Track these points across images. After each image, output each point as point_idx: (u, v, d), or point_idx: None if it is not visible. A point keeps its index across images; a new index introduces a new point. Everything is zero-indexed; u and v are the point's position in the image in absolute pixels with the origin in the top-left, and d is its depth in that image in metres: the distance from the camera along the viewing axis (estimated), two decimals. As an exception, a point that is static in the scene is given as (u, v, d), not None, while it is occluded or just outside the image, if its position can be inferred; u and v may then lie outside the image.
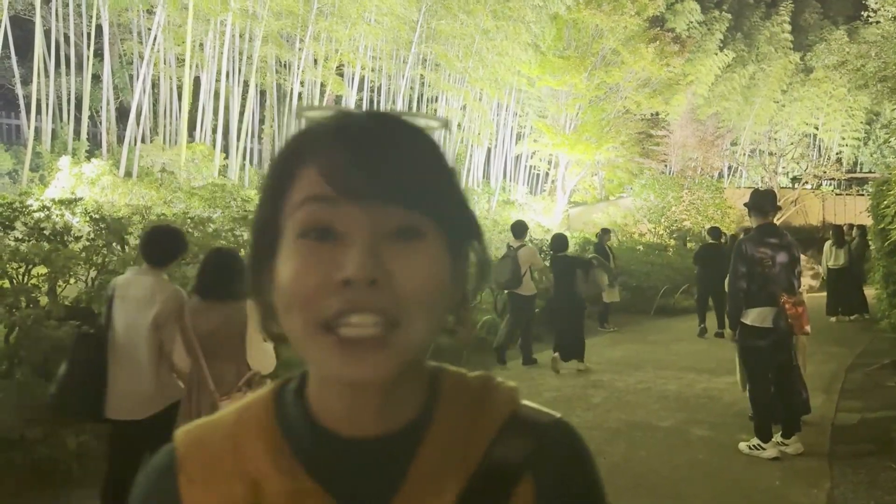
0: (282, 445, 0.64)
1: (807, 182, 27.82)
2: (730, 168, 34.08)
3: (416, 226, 0.61)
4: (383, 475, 0.63)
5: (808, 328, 5.51)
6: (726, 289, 5.96)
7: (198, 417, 1.59)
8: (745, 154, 34.07)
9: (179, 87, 17.31)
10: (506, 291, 9.20)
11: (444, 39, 20.40)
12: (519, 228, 9.23)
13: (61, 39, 17.24)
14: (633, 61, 22.36)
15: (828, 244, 14.03)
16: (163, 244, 3.85)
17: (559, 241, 9.45)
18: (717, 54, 30.93)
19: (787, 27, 36.91)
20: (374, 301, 0.58)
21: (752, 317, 5.39)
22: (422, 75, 21.21)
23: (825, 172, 28.06)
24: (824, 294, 13.99)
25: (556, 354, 8.86)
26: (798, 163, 29.23)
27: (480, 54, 20.57)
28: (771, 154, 28.94)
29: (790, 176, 30.28)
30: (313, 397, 0.66)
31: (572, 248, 15.28)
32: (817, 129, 37.43)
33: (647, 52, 22.28)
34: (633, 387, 7.97)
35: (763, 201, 5.60)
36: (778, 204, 5.88)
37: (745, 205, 5.83)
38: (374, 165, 0.59)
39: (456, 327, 0.68)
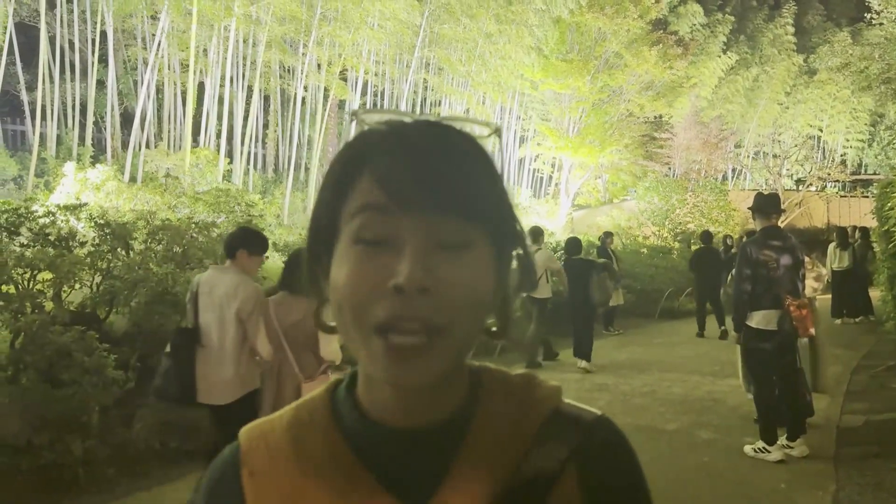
0: (336, 438, 0.69)
1: (811, 184, 27.77)
2: (734, 170, 34.04)
3: (467, 236, 0.63)
4: (430, 464, 0.66)
5: (812, 331, 5.50)
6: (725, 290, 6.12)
7: (281, 400, 2.78)
8: (749, 156, 34.04)
9: (184, 93, 17.36)
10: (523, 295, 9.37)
11: (447, 43, 20.44)
12: (535, 233, 9.42)
13: (66, 45, 17.32)
14: (636, 64, 22.35)
15: (832, 246, 13.99)
16: (251, 241, 4.22)
17: (573, 245, 9.70)
18: (720, 57, 30.92)
19: (791, 29, 36.87)
20: (422, 309, 0.60)
21: (757, 319, 5.38)
22: (425, 79, 21.25)
23: (829, 174, 28.00)
24: (829, 296, 13.94)
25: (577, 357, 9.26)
26: (802, 165, 29.17)
27: (483, 58, 20.60)
28: (775, 156, 28.89)
29: (794, 178, 30.22)
30: (363, 393, 0.70)
31: (576, 252, 15.28)
32: (821, 130, 37.38)
33: (650, 55, 22.27)
34: (637, 390, 7.96)
35: (766, 204, 5.60)
36: (782, 207, 5.86)
37: (748, 208, 5.84)
38: (429, 177, 0.62)
39: (498, 329, 0.71)
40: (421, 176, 0.62)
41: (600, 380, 8.52)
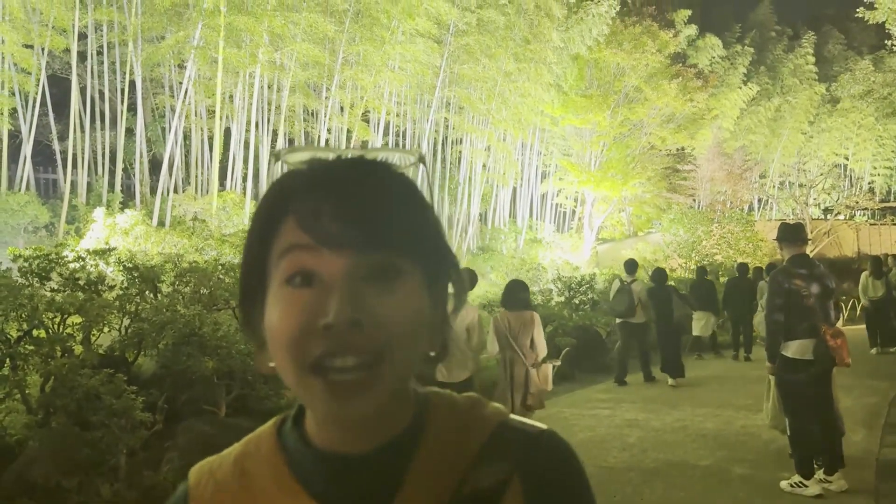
0: (281, 467, 0.69)
1: (839, 213, 27.42)
2: (760, 200, 33.76)
3: (394, 267, 0.64)
4: (378, 488, 0.67)
5: (848, 360, 5.37)
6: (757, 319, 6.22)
7: (513, 382, 6.01)
8: (774, 186, 33.76)
9: (210, 138, 17.71)
10: (618, 320, 10.65)
11: (467, 83, 20.69)
12: (631, 266, 10.67)
13: (96, 96, 17.82)
14: (656, 98, 22.43)
15: (864, 275, 13.73)
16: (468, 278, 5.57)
17: (660, 275, 10.99)
18: (741, 88, 30.91)
19: (811, 59, 36.83)
20: (355, 342, 0.61)
21: (793, 349, 5.24)
22: (446, 118, 21.48)
23: (857, 202, 27.66)
24: (861, 326, 13.68)
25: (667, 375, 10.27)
26: (829, 193, 28.87)
27: (503, 96, 20.80)
28: (801, 186, 28.64)
29: (822, 207, 29.88)
30: (309, 423, 0.70)
31: (601, 286, 15.19)
32: (847, 159, 37.04)
33: (669, 89, 22.35)
34: (669, 425, 7.79)
35: (792, 233, 5.52)
36: (809, 236, 5.80)
37: (775, 238, 5.78)
38: (350, 214, 0.63)
39: (437, 353, 0.71)
40: (341, 214, 0.63)
41: (631, 415, 8.37)
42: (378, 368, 0.62)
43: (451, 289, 0.72)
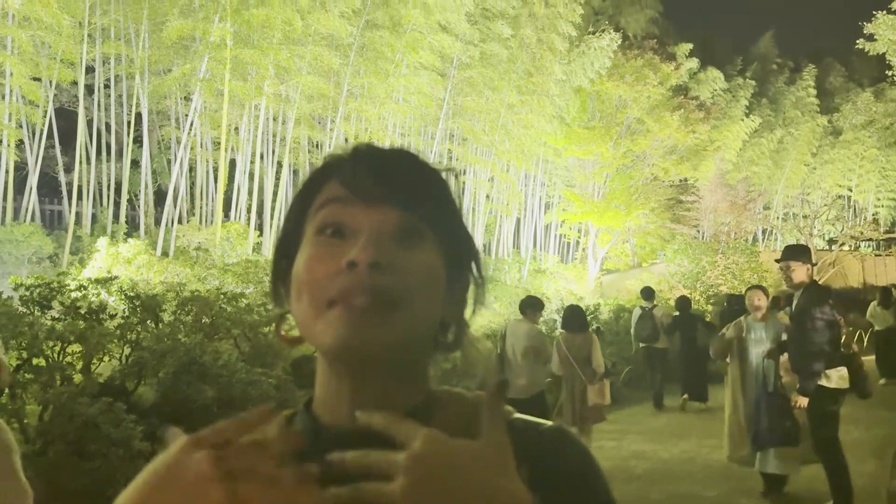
0: (290, 442, 0.67)
1: (844, 243, 27.35)
2: (764, 231, 33.74)
3: (418, 230, 0.70)
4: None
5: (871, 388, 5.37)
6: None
7: (573, 397, 6.95)
8: (778, 217, 33.76)
9: (215, 169, 17.82)
10: (641, 345, 11.23)
11: (470, 115, 20.84)
12: (647, 293, 11.41)
13: (103, 128, 17.96)
14: (658, 129, 22.54)
15: (873, 305, 13.65)
16: (534, 305, 7.01)
17: (684, 302, 11.46)
18: (743, 120, 31.07)
19: (813, 91, 37.08)
20: (374, 283, 0.65)
21: (836, 379, 5.10)
22: (449, 149, 21.59)
23: (862, 233, 27.60)
24: (869, 357, 13.55)
25: (686, 396, 10.75)
26: (833, 224, 28.83)
27: (506, 127, 20.93)
28: (805, 217, 28.64)
29: (826, 238, 29.82)
30: (318, 401, 0.74)
31: (606, 316, 15.11)
32: (851, 190, 37.10)
33: (671, 120, 22.47)
34: (677, 457, 7.68)
35: (806, 254, 5.40)
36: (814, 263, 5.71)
37: (776, 260, 5.57)
38: (384, 174, 0.71)
39: (452, 340, 0.76)
40: (381, 175, 0.70)
41: (637, 446, 8.25)
42: (392, 313, 0.66)
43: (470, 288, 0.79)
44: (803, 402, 5.14)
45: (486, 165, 21.42)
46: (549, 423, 0.75)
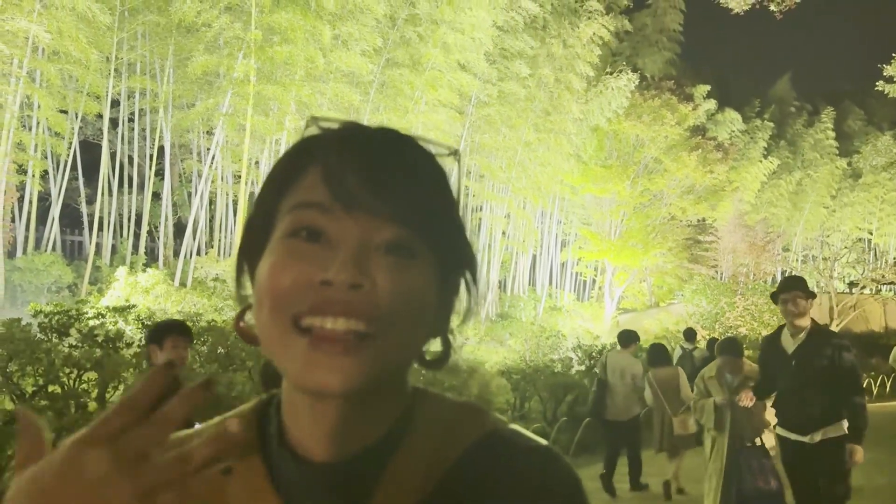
0: (256, 463, 0.62)
1: (865, 287, 27.01)
2: (783, 273, 33.39)
3: (408, 244, 0.58)
4: (349, 498, 0.60)
5: None
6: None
7: (662, 426, 7.26)
8: (798, 259, 33.49)
9: (235, 202, 18.01)
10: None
11: (487, 151, 21.01)
12: (690, 334, 11.48)
13: (125, 161, 18.28)
14: (675, 169, 22.56)
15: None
16: (631, 337, 7.73)
17: (732, 344, 11.28)
18: (761, 161, 31.05)
19: (831, 133, 37.06)
20: (352, 304, 0.55)
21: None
22: (466, 185, 21.72)
23: (884, 276, 27.24)
24: (892, 403, 13.29)
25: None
26: (854, 267, 28.52)
27: (523, 165, 21.04)
28: (825, 259, 28.36)
29: (846, 281, 29.48)
30: (286, 415, 0.63)
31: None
32: (871, 233, 36.79)
33: (689, 160, 22.48)
34: (700, 500, 7.48)
35: (807, 287, 4.65)
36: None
37: (771, 295, 4.84)
38: (373, 177, 0.58)
39: (438, 357, 0.66)
40: (368, 177, 0.57)
41: (658, 489, 8.06)
42: (369, 343, 0.55)
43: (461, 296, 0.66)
44: (860, 455, 4.37)
45: (503, 202, 21.50)
46: (541, 441, 0.66)
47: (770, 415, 5.01)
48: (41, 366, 5.86)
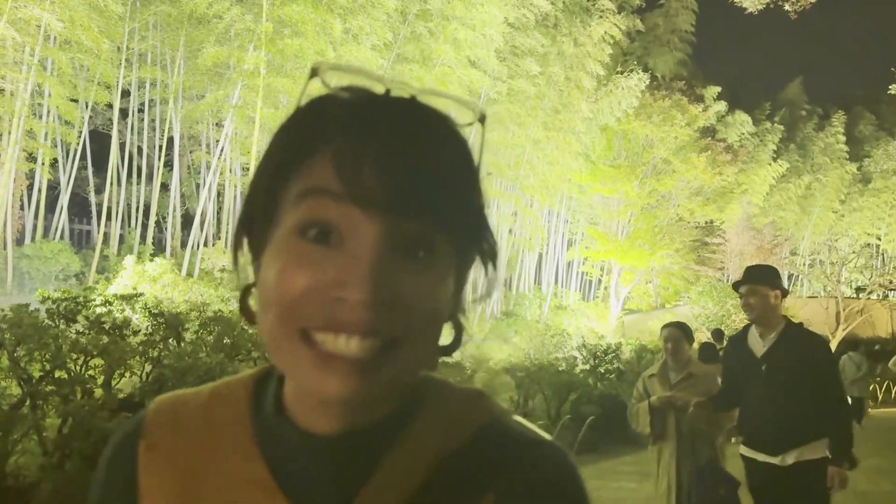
0: (247, 428, 0.61)
1: (872, 291, 26.92)
2: (790, 277, 33.31)
3: (428, 241, 0.54)
4: (343, 476, 0.58)
5: None
6: None
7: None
8: (805, 263, 33.38)
9: (243, 194, 18.02)
10: None
11: (495, 149, 20.98)
12: (718, 335, 11.68)
13: (135, 151, 18.35)
14: (684, 170, 22.50)
15: (901, 355, 13.37)
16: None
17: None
18: (770, 164, 30.94)
19: (842, 137, 36.90)
20: (369, 322, 0.51)
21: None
22: (474, 183, 21.72)
23: (891, 282, 27.15)
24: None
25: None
26: (862, 272, 28.43)
27: (531, 163, 21.02)
28: (832, 263, 28.28)
29: (854, 286, 29.39)
30: (288, 389, 0.61)
31: (628, 356, 14.92)
32: (879, 239, 36.65)
33: (698, 162, 22.42)
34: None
35: (776, 278, 3.95)
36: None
37: (733, 285, 4.17)
38: (396, 170, 0.52)
39: (450, 343, 0.62)
40: (386, 168, 0.52)
41: (657, 488, 8.04)
42: (386, 356, 0.52)
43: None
44: (845, 481, 3.60)
45: (510, 200, 21.48)
46: (545, 435, 0.63)
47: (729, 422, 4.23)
48: (48, 351, 5.87)
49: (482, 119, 0.60)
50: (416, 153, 0.53)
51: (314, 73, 0.58)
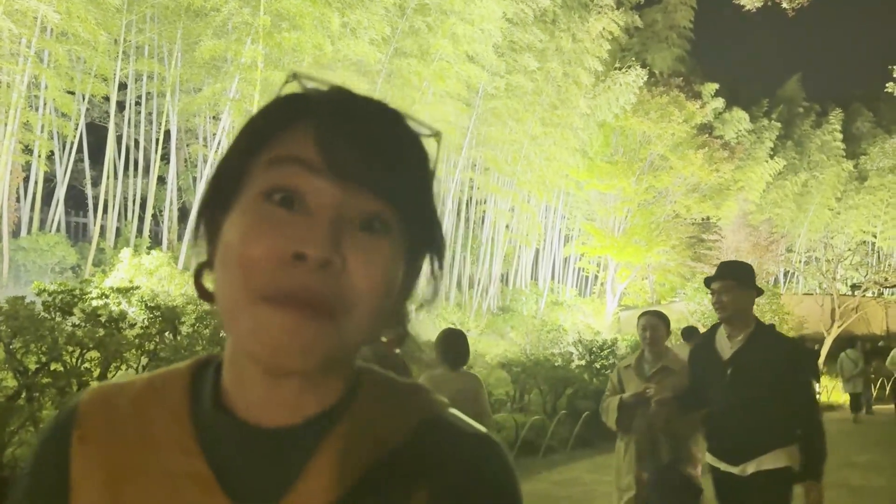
0: (185, 422, 0.61)
1: (867, 289, 26.97)
2: (786, 274, 33.39)
3: (385, 221, 0.58)
4: (281, 468, 0.59)
5: None
6: None
7: None
8: (801, 261, 33.45)
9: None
10: None
11: (493, 144, 20.98)
12: (689, 333, 11.05)
13: (131, 144, 18.29)
14: (681, 167, 22.53)
15: (894, 352, 13.43)
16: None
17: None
18: (767, 161, 30.98)
19: (839, 135, 36.95)
20: (320, 284, 0.54)
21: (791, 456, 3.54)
22: (471, 178, 21.70)
23: (886, 279, 27.20)
24: (889, 406, 13.35)
25: None
26: (857, 270, 28.47)
27: (529, 158, 21.02)
28: (828, 261, 28.33)
29: (849, 283, 29.45)
30: (227, 377, 0.61)
31: (623, 352, 14.96)
32: (875, 236, 36.73)
33: (695, 158, 22.45)
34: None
35: (750, 276, 3.70)
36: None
37: (705, 281, 3.87)
38: (366, 146, 0.57)
39: (394, 338, 0.64)
40: (361, 144, 0.57)
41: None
42: (331, 322, 0.54)
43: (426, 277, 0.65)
44: (819, 497, 3.28)
45: (507, 195, 21.49)
46: (479, 428, 0.65)
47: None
48: (44, 343, 5.88)
49: (438, 138, 0.65)
50: (387, 137, 0.59)
51: (293, 77, 0.62)
